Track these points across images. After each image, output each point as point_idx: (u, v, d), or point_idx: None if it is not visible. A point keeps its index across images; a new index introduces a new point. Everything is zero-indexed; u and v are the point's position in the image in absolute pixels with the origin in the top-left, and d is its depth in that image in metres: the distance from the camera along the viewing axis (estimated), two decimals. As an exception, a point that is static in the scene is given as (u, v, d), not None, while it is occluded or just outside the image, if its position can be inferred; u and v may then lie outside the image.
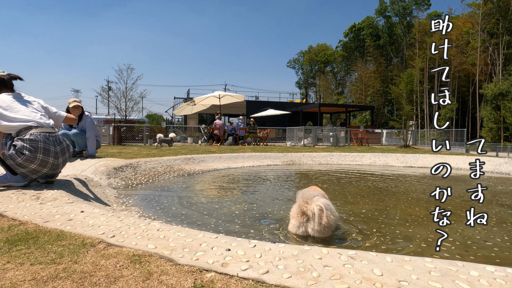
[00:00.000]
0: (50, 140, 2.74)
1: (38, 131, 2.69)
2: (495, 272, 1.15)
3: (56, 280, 1.14)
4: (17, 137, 2.62)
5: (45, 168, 2.73)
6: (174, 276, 1.17)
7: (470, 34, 42.81)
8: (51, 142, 2.74)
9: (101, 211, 2.08)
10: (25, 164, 2.61)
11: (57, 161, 2.79)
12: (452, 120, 42.53)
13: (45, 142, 2.69)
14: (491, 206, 3.64)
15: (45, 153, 2.68)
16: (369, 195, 4.24)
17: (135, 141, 15.77)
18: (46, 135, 2.72)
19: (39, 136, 2.67)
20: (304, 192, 2.32)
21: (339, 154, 9.77)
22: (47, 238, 1.56)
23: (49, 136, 2.75)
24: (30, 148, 2.60)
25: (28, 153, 2.59)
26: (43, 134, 2.70)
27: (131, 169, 5.05)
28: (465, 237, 2.45)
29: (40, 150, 2.65)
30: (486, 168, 7.90)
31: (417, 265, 1.21)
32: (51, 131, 2.81)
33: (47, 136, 2.73)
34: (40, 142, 2.66)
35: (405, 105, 19.73)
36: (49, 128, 2.82)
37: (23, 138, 2.61)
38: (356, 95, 55.73)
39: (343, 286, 1.06)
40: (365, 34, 57.07)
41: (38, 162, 2.65)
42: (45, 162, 2.70)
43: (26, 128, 2.67)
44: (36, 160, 2.64)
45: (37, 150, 2.63)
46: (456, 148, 18.57)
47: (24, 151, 2.58)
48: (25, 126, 2.67)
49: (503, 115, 35.84)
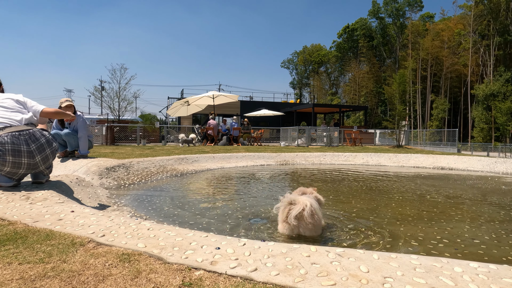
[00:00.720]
0: (21, 139, 2.55)
1: (6, 132, 2.52)
2: (478, 268, 1.18)
3: (44, 279, 1.14)
4: None
5: (21, 169, 2.58)
6: (162, 274, 1.18)
7: (462, 36, 43.31)
8: (22, 142, 2.55)
9: (91, 211, 2.08)
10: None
11: (33, 160, 2.62)
12: (444, 120, 42.98)
13: (14, 142, 2.51)
14: (480, 205, 3.70)
15: (15, 155, 2.52)
16: (361, 194, 4.27)
17: (128, 141, 15.67)
18: (15, 135, 2.53)
19: (6, 137, 2.50)
20: (289, 196, 2.33)
21: (332, 154, 9.82)
22: (36, 237, 1.56)
23: (19, 135, 2.56)
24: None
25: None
26: (12, 134, 2.52)
27: (124, 169, 5.03)
28: (454, 235, 2.49)
29: (8, 152, 2.49)
30: (477, 167, 8.01)
31: (403, 262, 1.23)
32: (22, 129, 2.60)
33: (17, 136, 2.54)
34: (7, 144, 2.49)
35: (398, 105, 19.88)
36: (21, 126, 2.62)
37: None
38: (349, 96, 56.04)
39: (329, 283, 1.08)
40: (358, 35, 57.43)
41: (10, 164, 2.51)
42: (18, 163, 2.54)
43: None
44: (7, 163, 2.49)
45: (5, 153, 2.47)
46: (448, 148, 18.77)
47: None
48: None
49: (494, 115, 36.30)
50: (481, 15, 41.20)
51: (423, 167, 8.48)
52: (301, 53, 72.32)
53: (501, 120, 35.21)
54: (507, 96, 35.86)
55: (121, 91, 20.26)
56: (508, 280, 1.08)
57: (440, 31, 45.34)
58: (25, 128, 2.64)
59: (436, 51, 43.89)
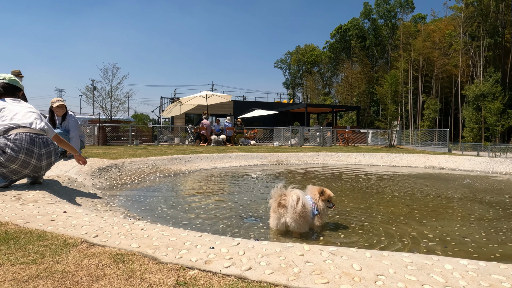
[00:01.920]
0: (36, 141, 2.69)
1: (25, 131, 2.65)
2: (468, 265, 1.20)
3: (37, 279, 1.13)
4: (2, 136, 2.59)
5: (26, 170, 2.68)
6: (157, 274, 1.18)
7: (453, 37, 43.87)
8: (36, 144, 2.69)
9: (84, 212, 2.07)
10: (6, 163, 2.56)
11: (40, 164, 2.74)
12: (435, 120, 43.50)
13: (30, 143, 2.64)
14: (470, 204, 3.75)
15: (27, 154, 2.62)
16: (354, 193, 4.31)
17: (120, 141, 15.54)
18: (32, 136, 2.67)
19: (24, 136, 2.62)
20: (280, 187, 2.36)
21: (325, 154, 9.87)
22: (28, 238, 1.54)
23: (36, 137, 2.70)
24: (13, 147, 2.55)
25: (10, 152, 2.54)
26: (29, 135, 2.66)
27: (116, 169, 4.99)
28: (444, 233, 2.53)
29: (23, 150, 2.60)
30: (467, 166, 8.12)
31: (395, 259, 1.25)
32: (39, 133, 2.76)
33: (33, 137, 2.68)
34: (24, 142, 2.61)
35: (390, 106, 20.06)
36: (38, 130, 2.77)
37: (8, 137, 2.58)
38: (342, 96, 56.37)
39: (323, 281, 1.09)
40: (351, 35, 57.82)
41: (19, 162, 2.60)
42: (27, 163, 2.64)
43: (14, 128, 2.64)
44: (18, 160, 2.58)
45: (20, 150, 2.58)
46: (439, 148, 18.99)
47: (6, 149, 2.54)
48: (13, 126, 2.64)
49: (484, 115, 36.84)
50: (471, 17, 41.80)
51: (415, 166, 8.57)
52: (294, 53, 72.54)
53: (490, 120, 35.76)
54: (497, 96, 36.43)
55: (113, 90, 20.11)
56: (496, 277, 1.11)
57: (431, 32, 45.89)
58: (41, 133, 2.80)
59: (427, 52, 44.40)
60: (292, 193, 2.24)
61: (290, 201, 2.20)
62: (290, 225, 2.25)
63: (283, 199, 2.26)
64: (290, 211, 2.20)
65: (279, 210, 2.27)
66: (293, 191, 2.26)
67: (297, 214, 2.19)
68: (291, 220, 2.22)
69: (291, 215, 2.21)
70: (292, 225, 2.23)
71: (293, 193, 2.23)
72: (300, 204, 2.19)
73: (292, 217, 2.21)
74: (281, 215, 2.27)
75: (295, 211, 2.19)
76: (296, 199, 2.20)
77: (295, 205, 2.18)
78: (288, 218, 2.23)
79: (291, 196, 2.21)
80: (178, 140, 16.29)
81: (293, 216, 2.20)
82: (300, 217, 2.21)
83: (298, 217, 2.20)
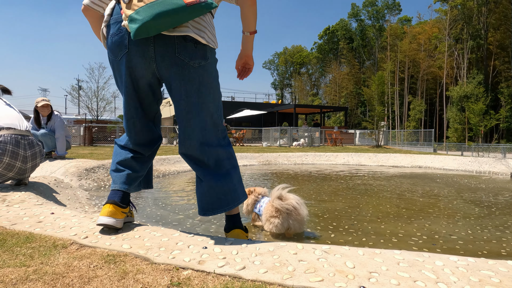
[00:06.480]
0: (21, 143, 2.61)
1: (10, 133, 2.57)
2: (457, 262, 1.22)
3: (27, 282, 1.11)
4: None
5: (10, 172, 2.60)
6: (150, 275, 1.17)
7: (438, 39, 44.81)
8: (21, 146, 2.61)
9: (72, 213, 2.03)
10: None
11: (24, 166, 2.66)
12: (421, 121, 44.32)
13: (15, 145, 2.56)
14: (456, 202, 3.83)
15: (12, 157, 2.54)
16: (343, 193, 4.35)
17: (107, 142, 15.31)
18: (17, 138, 2.59)
19: (9, 138, 2.54)
20: (272, 192, 2.36)
21: (314, 154, 9.94)
22: (15, 240, 1.51)
23: (21, 139, 2.63)
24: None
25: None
26: (14, 136, 2.58)
27: (104, 170, 4.91)
28: (431, 231, 2.57)
29: (8, 153, 2.52)
30: (452, 166, 8.30)
31: (387, 257, 1.27)
32: (25, 134, 2.69)
33: (18, 139, 2.60)
34: (9, 144, 2.53)
35: (377, 107, 20.35)
36: (24, 131, 2.69)
37: None
38: (330, 96, 56.92)
39: (317, 279, 1.10)
40: (339, 36, 58.41)
41: (3, 165, 2.52)
42: (12, 166, 2.56)
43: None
44: (2, 163, 2.50)
45: (4, 152, 2.50)
46: (425, 148, 19.36)
47: None
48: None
49: (468, 116, 37.76)
50: (455, 20, 42.78)
51: (402, 166, 8.72)
52: (282, 54, 72.82)
53: (474, 120, 36.68)
54: (479, 97, 37.39)
55: (100, 90, 19.79)
56: (485, 272, 1.14)
57: (417, 34, 46.76)
58: (27, 134, 2.72)
59: (413, 54, 45.22)
60: (292, 196, 2.29)
61: (296, 205, 2.25)
62: (293, 227, 2.26)
63: (283, 202, 2.29)
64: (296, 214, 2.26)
65: (281, 214, 2.29)
66: (291, 195, 2.29)
67: (301, 217, 2.25)
68: (294, 223, 2.26)
69: (294, 217, 2.26)
70: (296, 226, 2.26)
71: (293, 196, 2.28)
72: (304, 207, 2.27)
73: (296, 219, 2.26)
74: (284, 219, 2.29)
75: (301, 214, 2.24)
76: (298, 201, 2.26)
77: (301, 208, 2.25)
78: (291, 221, 2.28)
79: (295, 199, 2.27)
80: (166, 141, 16.16)
81: (297, 218, 2.26)
82: (303, 220, 2.26)
83: (301, 219, 2.25)
